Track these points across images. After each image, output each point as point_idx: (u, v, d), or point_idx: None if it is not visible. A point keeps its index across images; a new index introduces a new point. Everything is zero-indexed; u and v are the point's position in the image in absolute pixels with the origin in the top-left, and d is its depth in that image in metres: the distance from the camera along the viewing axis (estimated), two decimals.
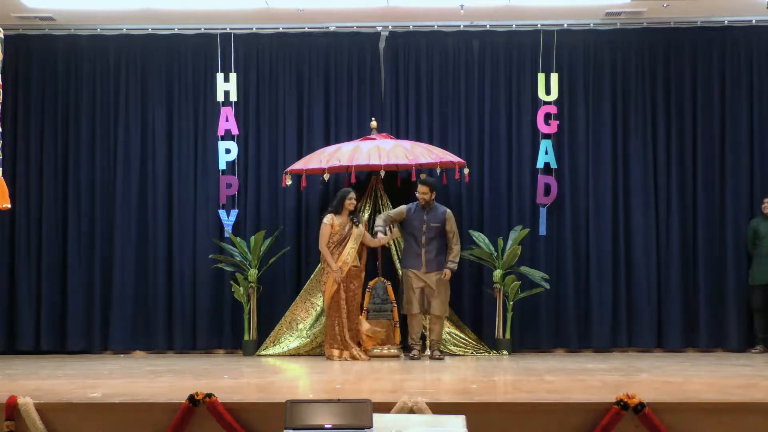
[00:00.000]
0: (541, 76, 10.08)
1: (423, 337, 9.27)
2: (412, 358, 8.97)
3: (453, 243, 9.21)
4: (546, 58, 10.10)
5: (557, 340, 10.04)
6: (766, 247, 9.73)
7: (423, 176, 9.32)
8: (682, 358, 9.18)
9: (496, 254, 9.61)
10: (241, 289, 9.67)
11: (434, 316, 9.16)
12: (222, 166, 10.12)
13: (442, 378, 7.08)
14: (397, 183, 9.85)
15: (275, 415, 4.66)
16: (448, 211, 9.28)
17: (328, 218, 9.13)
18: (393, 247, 9.66)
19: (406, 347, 9.32)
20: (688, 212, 10.09)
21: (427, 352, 9.16)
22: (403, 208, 9.29)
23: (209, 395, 4.90)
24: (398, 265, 9.56)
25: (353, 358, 8.93)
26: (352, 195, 9.18)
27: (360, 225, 9.20)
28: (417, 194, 9.18)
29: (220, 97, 10.15)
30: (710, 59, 10.17)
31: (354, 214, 9.23)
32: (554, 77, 10.08)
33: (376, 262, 9.74)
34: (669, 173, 10.11)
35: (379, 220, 9.26)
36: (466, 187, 9.98)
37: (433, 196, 9.17)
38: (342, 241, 9.08)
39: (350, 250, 9.06)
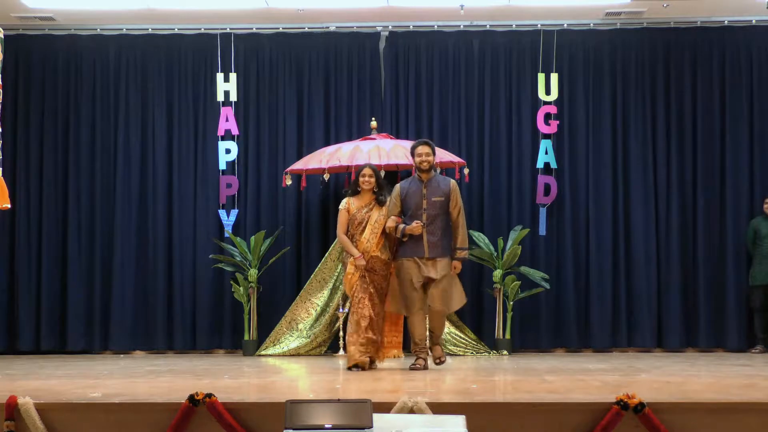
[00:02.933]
0: (541, 76, 10.09)
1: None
2: (415, 368, 7.60)
3: (458, 222, 7.74)
4: (546, 58, 10.10)
5: (557, 340, 10.04)
6: (767, 247, 9.73)
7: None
8: (682, 358, 9.17)
9: (496, 254, 9.61)
10: (241, 289, 9.67)
11: (434, 312, 7.71)
12: (222, 166, 10.13)
13: (442, 378, 7.08)
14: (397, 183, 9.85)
15: (275, 415, 4.66)
16: (453, 181, 7.92)
17: (342, 203, 7.96)
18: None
19: (406, 347, 9.11)
20: (688, 212, 10.09)
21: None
22: (395, 194, 7.87)
23: (209, 395, 4.89)
24: None
25: (370, 363, 7.75)
26: (366, 171, 7.89)
27: (385, 205, 7.88)
28: (416, 161, 7.83)
29: (220, 97, 10.15)
30: (710, 59, 10.17)
31: (380, 193, 7.91)
32: (554, 77, 10.08)
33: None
34: (669, 173, 10.12)
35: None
36: (466, 187, 9.97)
37: (434, 162, 7.90)
38: (360, 225, 7.83)
39: (369, 236, 7.74)
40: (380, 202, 7.85)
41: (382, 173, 9.25)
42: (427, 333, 7.91)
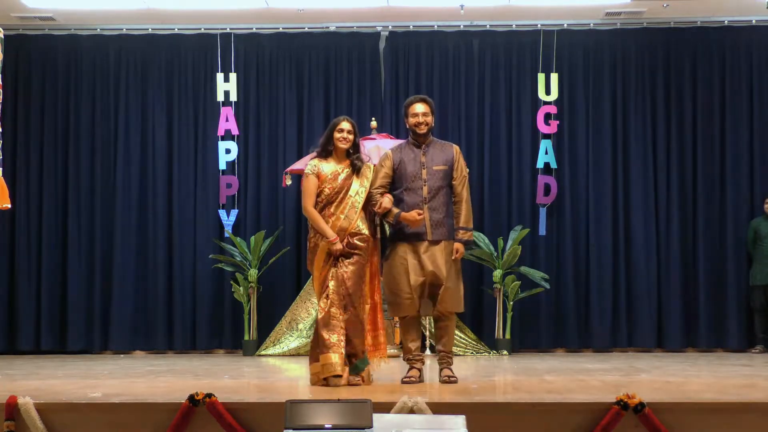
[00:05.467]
0: (541, 76, 10.09)
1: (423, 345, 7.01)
2: (409, 381, 6.23)
3: (462, 196, 6.21)
4: (546, 58, 10.10)
5: (557, 340, 10.04)
6: (767, 247, 9.72)
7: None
8: (682, 358, 9.17)
9: (496, 254, 9.61)
10: (241, 289, 9.67)
11: (443, 314, 6.23)
12: (222, 166, 10.13)
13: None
14: None
15: (275, 415, 4.65)
16: (456, 146, 6.39)
17: (310, 166, 6.11)
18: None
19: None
20: (688, 212, 10.09)
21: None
22: (385, 160, 6.26)
23: (209, 395, 4.89)
24: None
25: (343, 381, 6.00)
26: (344, 125, 6.13)
27: (364, 169, 6.16)
28: (410, 121, 6.26)
29: (220, 97, 10.16)
30: (710, 59, 10.18)
31: (356, 156, 6.16)
32: (554, 77, 10.08)
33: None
34: (669, 173, 10.12)
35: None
36: None
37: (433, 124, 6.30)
38: (337, 195, 6.09)
39: (348, 209, 6.04)
40: (356, 168, 6.12)
41: None
42: (430, 344, 6.82)
